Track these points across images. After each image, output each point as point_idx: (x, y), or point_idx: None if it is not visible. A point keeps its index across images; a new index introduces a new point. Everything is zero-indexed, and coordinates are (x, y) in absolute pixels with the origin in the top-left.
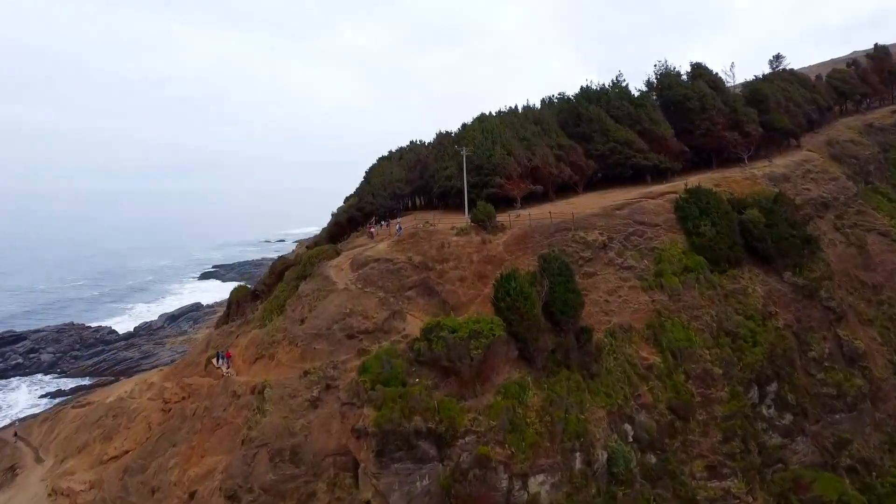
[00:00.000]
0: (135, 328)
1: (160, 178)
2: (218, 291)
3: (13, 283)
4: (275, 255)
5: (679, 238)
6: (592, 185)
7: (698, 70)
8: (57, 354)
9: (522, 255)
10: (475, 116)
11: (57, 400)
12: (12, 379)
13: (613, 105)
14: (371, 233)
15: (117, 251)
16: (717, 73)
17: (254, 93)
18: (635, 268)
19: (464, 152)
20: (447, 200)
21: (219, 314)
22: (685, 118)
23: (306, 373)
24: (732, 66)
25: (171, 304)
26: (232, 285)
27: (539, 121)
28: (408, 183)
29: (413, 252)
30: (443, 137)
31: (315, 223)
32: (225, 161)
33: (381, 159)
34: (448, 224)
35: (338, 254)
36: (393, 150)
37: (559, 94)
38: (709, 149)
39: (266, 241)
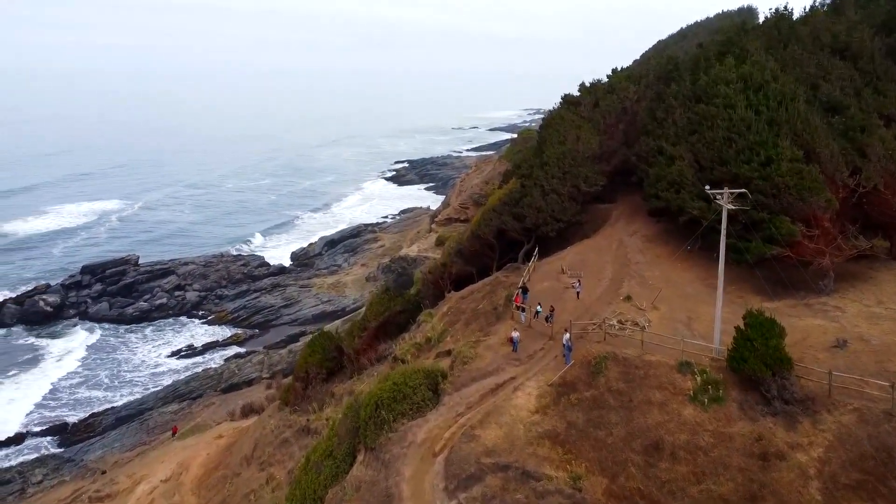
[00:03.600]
0: (291, 254)
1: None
2: (391, 201)
3: (210, 179)
4: (463, 151)
5: None
6: None
7: None
8: (202, 293)
9: None
10: (716, 34)
11: (183, 366)
12: (148, 327)
13: None
14: (513, 338)
15: (305, 144)
16: None
17: None
18: None
19: (725, 200)
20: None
21: (380, 243)
22: None
23: None
24: None
25: (340, 216)
26: (408, 191)
27: (847, 49)
28: (603, 161)
29: (588, 454)
30: (665, 65)
31: (513, 106)
32: (418, 35)
33: (566, 104)
34: (671, 312)
35: (436, 393)
36: (588, 85)
37: None
38: None
39: (458, 128)
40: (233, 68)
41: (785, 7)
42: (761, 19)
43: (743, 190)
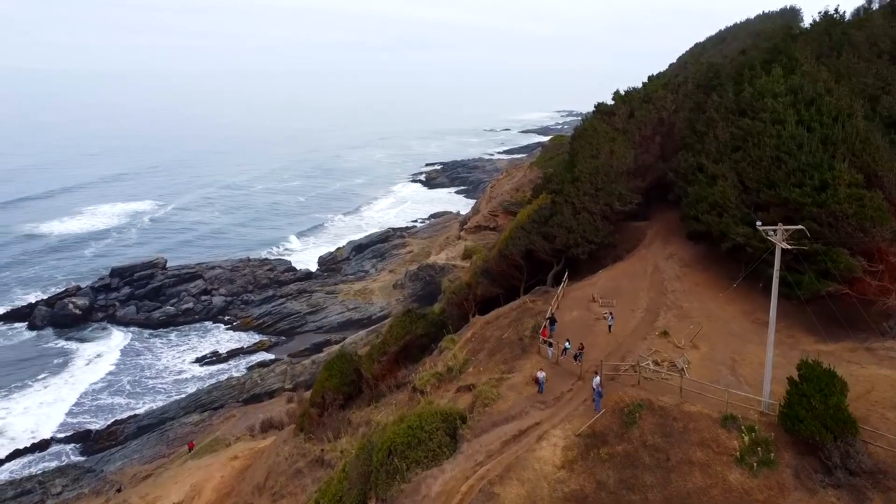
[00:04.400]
0: (319, 258)
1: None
2: (421, 204)
3: (243, 181)
4: (495, 153)
5: None
6: None
7: None
8: (228, 298)
9: None
10: (758, 38)
11: (207, 373)
12: (173, 332)
13: None
14: (539, 378)
15: (338, 145)
16: None
17: None
18: None
19: (779, 238)
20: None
21: (409, 249)
22: None
23: None
24: None
25: (369, 219)
26: (438, 194)
27: None
28: (638, 176)
29: None
30: (705, 73)
31: (545, 108)
32: (454, 36)
33: (599, 114)
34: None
35: (453, 438)
36: (622, 93)
37: None
38: None
39: (490, 130)
40: (272, 68)
41: (836, 10)
42: (807, 21)
43: (800, 227)
